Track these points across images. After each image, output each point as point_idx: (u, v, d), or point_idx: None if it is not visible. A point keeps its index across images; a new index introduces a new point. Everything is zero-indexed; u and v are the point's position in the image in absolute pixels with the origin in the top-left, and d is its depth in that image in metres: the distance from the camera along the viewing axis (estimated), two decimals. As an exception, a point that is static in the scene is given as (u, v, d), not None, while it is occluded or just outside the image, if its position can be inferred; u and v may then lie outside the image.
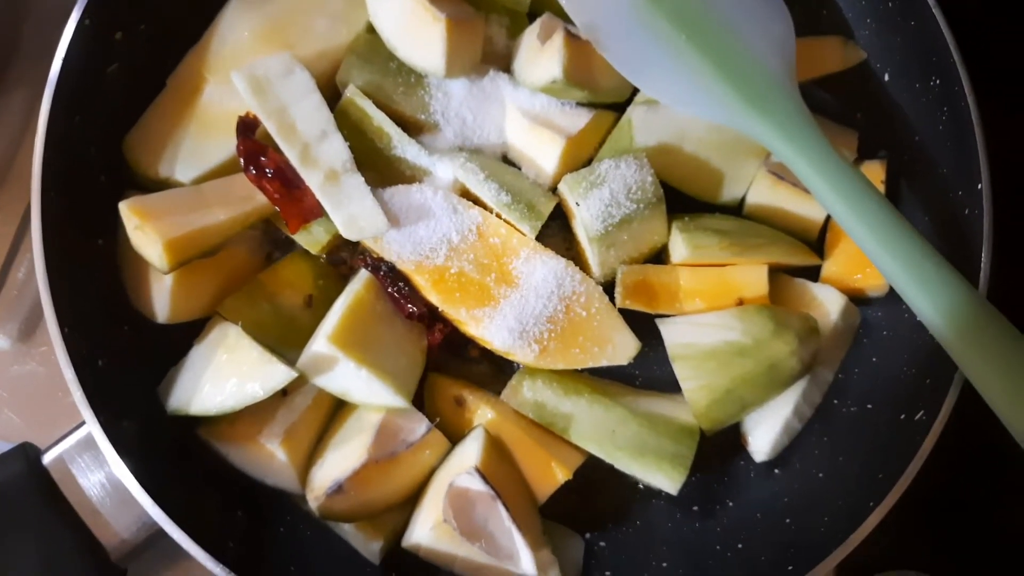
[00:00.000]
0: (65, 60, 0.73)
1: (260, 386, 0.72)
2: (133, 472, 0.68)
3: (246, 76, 0.76)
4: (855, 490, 0.76)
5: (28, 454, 0.71)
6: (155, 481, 0.68)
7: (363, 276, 0.79)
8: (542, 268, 0.79)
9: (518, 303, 0.78)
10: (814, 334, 0.80)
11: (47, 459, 0.71)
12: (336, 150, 0.76)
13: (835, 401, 0.85)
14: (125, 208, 0.73)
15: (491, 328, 0.78)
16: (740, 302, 0.82)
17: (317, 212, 0.77)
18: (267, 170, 0.75)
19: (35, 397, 0.91)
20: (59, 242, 0.72)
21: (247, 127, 0.77)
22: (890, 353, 0.84)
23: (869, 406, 0.83)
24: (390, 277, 0.78)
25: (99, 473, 0.71)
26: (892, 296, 0.84)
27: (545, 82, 0.81)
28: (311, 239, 0.79)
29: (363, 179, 0.77)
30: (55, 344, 0.69)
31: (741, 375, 0.78)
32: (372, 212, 0.76)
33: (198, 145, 0.80)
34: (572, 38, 0.80)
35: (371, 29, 0.83)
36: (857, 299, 0.86)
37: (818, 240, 0.88)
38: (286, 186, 0.76)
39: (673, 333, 0.81)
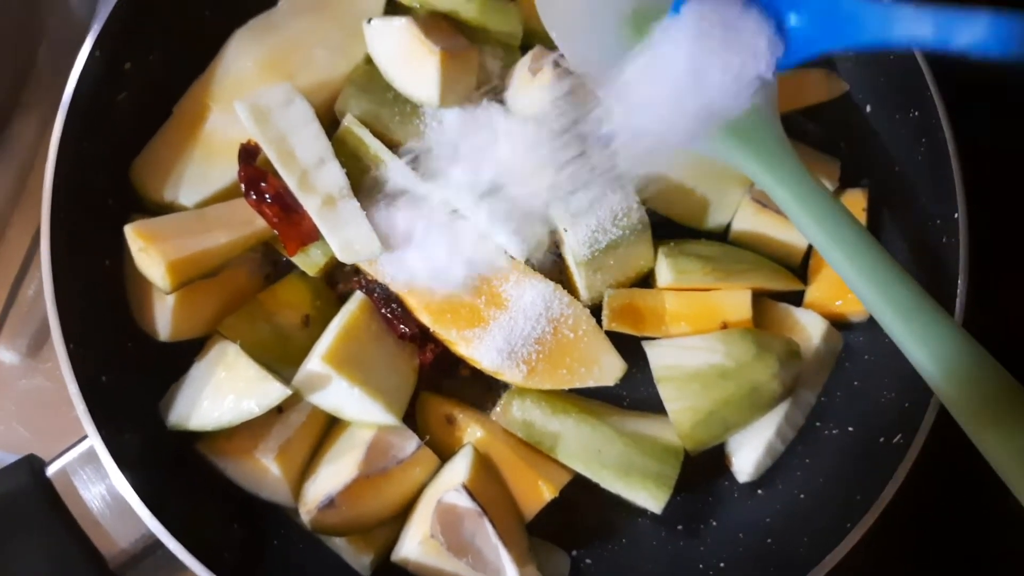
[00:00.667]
0: (77, 89, 0.77)
1: (256, 403, 0.74)
2: (133, 484, 0.70)
3: (248, 105, 0.79)
4: (835, 511, 0.78)
5: (33, 466, 0.74)
6: (154, 493, 0.71)
7: (358, 297, 0.82)
8: (531, 291, 0.82)
9: (507, 324, 0.81)
10: (795, 358, 0.82)
11: (51, 471, 0.74)
12: (333, 176, 0.80)
13: (817, 424, 0.87)
14: (130, 231, 0.76)
15: (481, 348, 0.80)
16: (724, 326, 0.84)
17: (314, 236, 0.80)
18: (267, 195, 0.79)
19: (42, 411, 0.93)
20: (67, 262, 0.75)
21: (248, 154, 0.80)
22: (871, 377, 0.86)
23: (850, 429, 0.85)
24: (383, 298, 0.81)
25: (100, 485, 0.73)
26: (874, 322, 0.86)
27: (536, 111, 0.84)
28: (309, 261, 0.82)
29: (359, 204, 0.80)
30: (60, 360, 0.72)
31: (724, 397, 0.80)
32: (367, 236, 0.79)
33: (202, 171, 0.83)
34: (561, 69, 0.83)
35: (369, 61, 0.87)
36: (840, 324, 0.88)
37: (802, 266, 0.90)
38: (285, 211, 0.79)
39: (658, 355, 0.83)
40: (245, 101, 0.79)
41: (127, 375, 0.78)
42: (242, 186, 0.79)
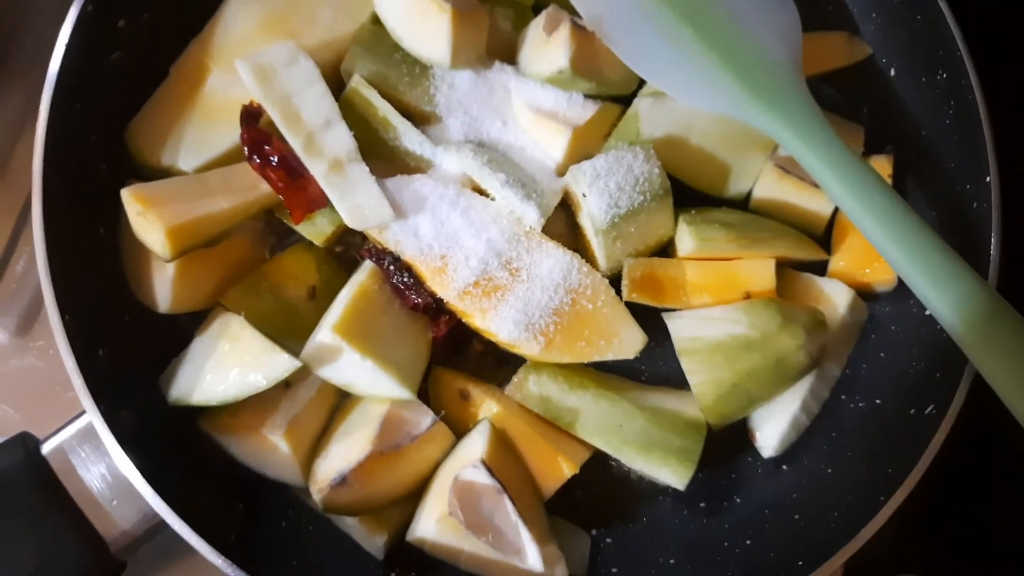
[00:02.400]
0: (67, 47, 0.72)
1: (263, 375, 0.71)
2: (134, 462, 0.67)
3: (251, 64, 0.75)
4: (864, 486, 0.76)
5: (27, 443, 0.70)
6: (156, 471, 0.67)
7: (367, 267, 0.78)
8: (548, 260, 0.79)
9: (524, 295, 0.77)
10: (821, 328, 0.79)
11: (46, 449, 0.70)
12: (341, 139, 0.76)
13: (843, 397, 0.84)
14: (127, 195, 0.72)
15: (497, 320, 0.77)
16: (747, 296, 0.81)
17: (321, 202, 0.76)
18: (271, 159, 0.75)
19: (32, 391, 0.89)
20: (60, 231, 0.71)
21: (251, 116, 0.76)
22: (898, 348, 0.83)
23: (878, 401, 0.82)
24: (394, 268, 0.77)
25: (99, 464, 0.69)
26: (899, 291, 0.84)
27: (551, 73, 0.81)
28: (315, 230, 0.78)
29: (368, 168, 0.76)
30: (55, 332, 0.68)
31: (748, 369, 0.77)
32: (377, 202, 0.75)
33: (201, 134, 0.79)
34: (578, 29, 0.79)
35: (376, 19, 0.82)
36: (864, 294, 0.85)
37: (825, 235, 0.87)
38: (290, 175, 0.75)
39: (680, 327, 0.80)
40: (247, 60, 0.75)
41: (125, 348, 0.74)
42: (245, 149, 0.75)
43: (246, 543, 0.71)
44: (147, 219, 0.71)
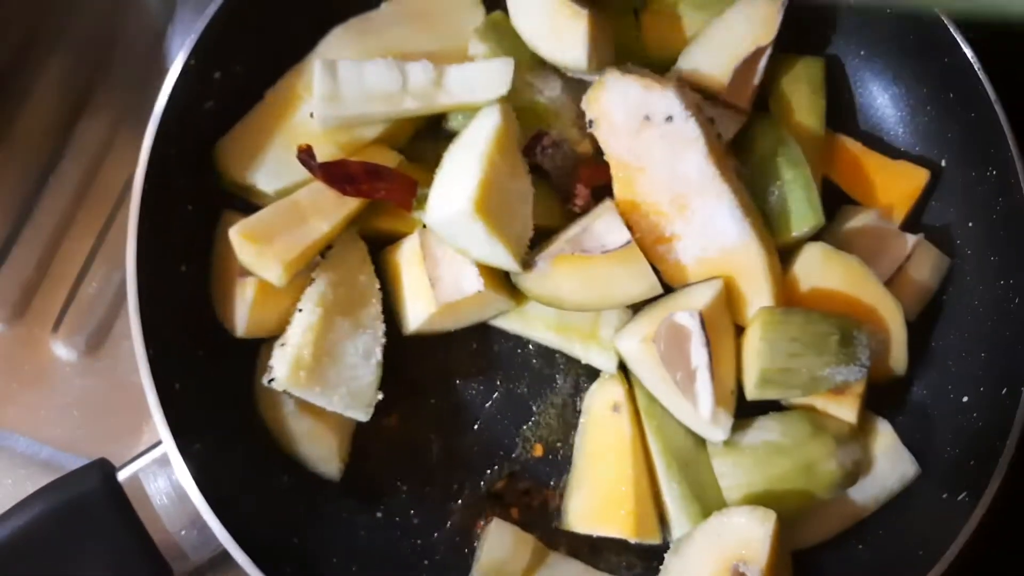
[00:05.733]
0: (170, 97, 0.77)
1: None
2: (203, 494, 0.70)
3: (329, 67, 0.80)
4: (895, 566, 0.77)
5: (104, 470, 0.73)
6: (222, 504, 0.70)
7: (494, 123, 0.79)
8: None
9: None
10: (854, 439, 0.80)
11: (121, 476, 0.73)
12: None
13: (875, 476, 0.86)
14: (236, 237, 0.76)
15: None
16: None
17: (411, 186, 0.81)
18: (353, 179, 0.79)
19: (97, 409, 0.92)
20: (147, 267, 0.75)
21: (310, 159, 0.79)
22: (933, 432, 0.85)
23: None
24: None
25: (171, 493, 0.72)
26: (937, 375, 0.86)
27: None
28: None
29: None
30: (140, 367, 0.71)
31: (779, 474, 0.78)
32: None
33: (285, 158, 0.81)
34: None
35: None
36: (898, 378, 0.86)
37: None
38: (374, 180, 0.80)
39: None
40: (327, 62, 0.80)
41: (198, 382, 0.77)
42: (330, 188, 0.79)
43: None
44: (264, 258, 0.76)
